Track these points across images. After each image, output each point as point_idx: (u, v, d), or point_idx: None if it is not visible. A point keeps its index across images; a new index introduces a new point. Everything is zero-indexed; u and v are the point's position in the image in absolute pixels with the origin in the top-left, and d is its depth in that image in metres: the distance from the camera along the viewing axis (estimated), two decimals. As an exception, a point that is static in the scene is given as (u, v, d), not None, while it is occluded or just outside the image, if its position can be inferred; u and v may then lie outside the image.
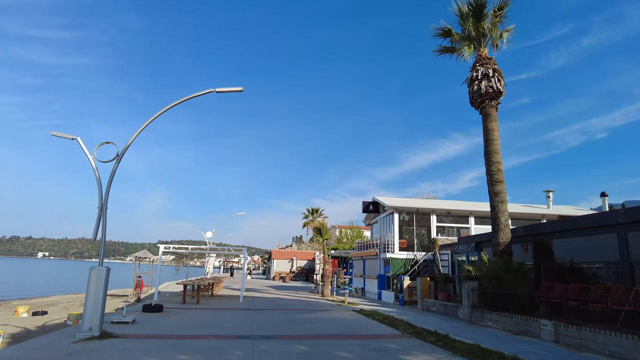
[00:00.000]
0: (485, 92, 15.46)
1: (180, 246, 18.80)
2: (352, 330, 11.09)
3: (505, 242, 14.22)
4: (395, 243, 21.78)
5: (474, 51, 16.78)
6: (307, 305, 17.93)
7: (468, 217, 22.77)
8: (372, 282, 23.85)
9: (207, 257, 31.48)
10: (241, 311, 14.61)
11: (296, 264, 50.57)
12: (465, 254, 18.56)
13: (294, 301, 19.74)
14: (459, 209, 22.64)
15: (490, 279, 13.61)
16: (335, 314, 14.66)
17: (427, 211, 22.60)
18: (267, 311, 14.93)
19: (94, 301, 8.61)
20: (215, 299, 18.94)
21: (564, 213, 23.78)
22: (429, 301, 16.69)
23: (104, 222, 9.19)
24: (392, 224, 22.49)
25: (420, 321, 13.15)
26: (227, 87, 10.51)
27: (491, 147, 15.33)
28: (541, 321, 9.83)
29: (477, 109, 16.28)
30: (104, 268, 8.87)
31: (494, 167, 15.12)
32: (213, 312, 14.15)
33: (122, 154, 9.76)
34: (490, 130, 15.48)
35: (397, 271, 21.32)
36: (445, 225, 22.94)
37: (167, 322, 11.30)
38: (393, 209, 22.36)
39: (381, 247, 22.78)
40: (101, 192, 9.33)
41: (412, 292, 18.83)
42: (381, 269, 22.69)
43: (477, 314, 12.99)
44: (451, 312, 14.81)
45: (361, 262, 26.76)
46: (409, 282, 18.97)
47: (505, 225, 14.49)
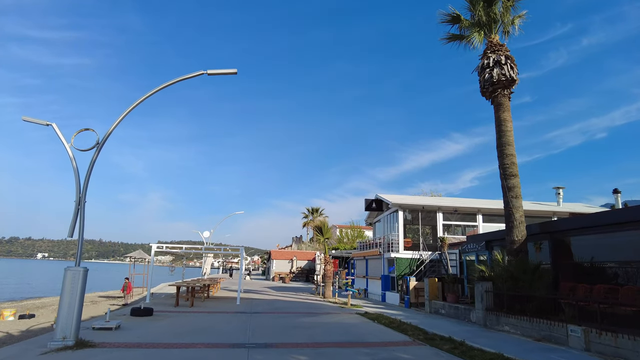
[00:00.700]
0: (497, 80, 14.51)
1: (175, 245, 17.84)
2: (357, 336, 10.13)
3: (521, 240, 13.28)
4: (400, 242, 20.82)
5: (484, 38, 15.84)
6: (307, 307, 16.96)
7: (476, 215, 21.82)
8: (376, 283, 22.88)
9: (205, 257, 30.55)
10: (237, 315, 13.64)
11: (296, 265, 49.59)
12: (474, 253, 17.59)
13: (293, 303, 18.77)
14: (466, 206, 21.68)
15: (504, 280, 12.65)
16: (338, 318, 13.70)
17: (433, 209, 21.63)
18: (265, 315, 13.97)
19: (69, 306, 7.65)
20: (211, 301, 17.98)
21: (576, 210, 22.82)
22: (438, 303, 15.72)
23: (81, 217, 8.22)
24: (397, 222, 21.53)
25: (430, 325, 12.18)
26: (220, 70, 9.54)
27: (504, 138, 14.37)
28: (568, 326, 8.87)
29: (488, 99, 15.33)
30: (80, 269, 7.90)
31: (507, 160, 14.16)
32: (207, 315, 13.18)
33: (103, 142, 8.80)
34: (503, 121, 14.52)
35: (402, 271, 20.36)
36: (452, 223, 21.98)
37: (155, 327, 10.34)
38: (397, 207, 21.39)
39: (385, 246, 21.81)
40: (79, 184, 8.38)
41: (418, 294, 17.86)
42: (385, 269, 21.72)
43: (492, 318, 12.02)
44: (462, 315, 13.85)
45: (363, 262, 25.79)
46: (415, 283, 17.99)
47: (520, 222, 13.54)
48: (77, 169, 8.42)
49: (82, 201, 8.28)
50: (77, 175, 8.40)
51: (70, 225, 8.11)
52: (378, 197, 25.04)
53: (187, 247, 18.34)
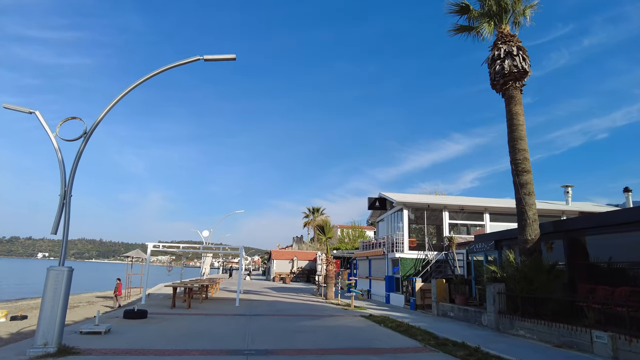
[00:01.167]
0: (509, 72, 13.86)
1: (172, 245, 17.21)
2: (364, 341, 9.48)
3: (534, 239, 12.63)
4: (405, 242, 20.16)
5: (495, 29, 15.20)
6: (310, 309, 16.31)
7: (483, 214, 21.16)
8: (379, 283, 22.22)
9: (204, 257, 29.89)
10: (236, 317, 12.99)
11: (297, 265, 48.94)
12: (482, 253, 16.93)
13: (295, 305, 18.12)
14: (473, 205, 21.02)
15: (517, 281, 12.00)
16: (343, 321, 13.04)
17: (438, 207, 20.97)
18: (265, 317, 13.31)
19: (52, 309, 7.00)
20: (209, 303, 17.33)
21: (585, 209, 22.16)
22: (446, 305, 15.06)
23: (66, 213, 7.58)
24: (401, 221, 20.87)
25: (439, 329, 11.53)
26: (217, 55, 8.89)
27: (516, 133, 13.72)
28: (593, 332, 8.21)
29: (499, 92, 14.68)
30: (64, 268, 7.26)
31: (519, 156, 13.51)
32: (204, 318, 12.53)
33: (91, 131, 8.16)
34: (515, 114, 13.87)
35: (407, 272, 19.70)
36: (458, 222, 21.32)
37: (148, 331, 9.69)
38: (402, 205, 20.74)
39: (389, 246, 21.16)
40: (64, 176, 7.73)
41: (425, 295, 17.19)
42: (389, 269, 21.06)
43: (506, 321, 11.36)
44: (472, 318, 13.19)
45: (366, 262, 25.13)
46: (421, 284, 17.33)
47: (533, 220, 12.89)
48: (62, 160, 7.78)
49: (67, 195, 7.64)
50: (63, 168, 7.76)
51: (54, 221, 7.46)
52: (381, 196, 24.40)
53: (185, 247, 17.71)
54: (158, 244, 16.98)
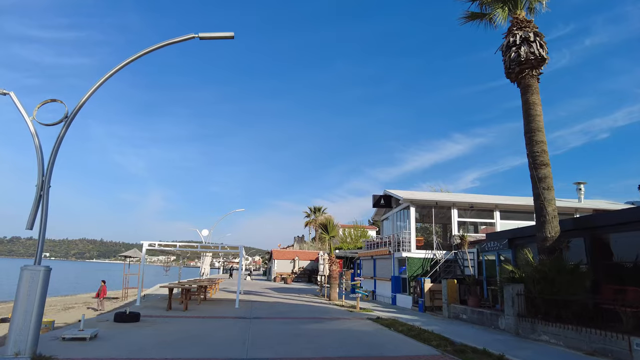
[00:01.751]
0: (525, 59, 13.02)
1: (168, 243, 16.40)
2: (374, 348, 8.65)
3: (554, 237, 11.79)
4: (412, 240, 19.32)
5: (509, 15, 14.39)
6: (313, 311, 15.48)
7: (493, 212, 20.31)
8: (385, 284, 21.38)
9: (203, 257, 29.08)
10: (235, 320, 12.17)
11: (298, 265, 48.09)
12: (495, 252, 16.08)
13: (297, 306, 17.29)
14: (483, 202, 20.17)
15: (537, 282, 11.17)
16: (349, 324, 12.21)
17: (447, 204, 20.13)
18: (266, 320, 12.49)
19: (25, 314, 6.19)
20: (208, 304, 16.51)
21: (599, 207, 21.31)
22: (458, 307, 14.22)
23: (44, 205, 6.77)
24: (408, 219, 20.03)
25: (454, 333, 10.69)
26: (214, 33, 8.09)
27: (533, 124, 12.88)
28: (632, 339, 7.36)
29: (514, 81, 13.85)
30: (41, 268, 6.45)
31: (537, 148, 12.67)
32: (202, 321, 11.71)
33: (73, 115, 7.35)
34: (532, 104, 13.04)
35: (415, 272, 18.86)
36: (467, 220, 20.48)
37: (139, 336, 8.88)
38: (409, 202, 19.90)
39: (395, 245, 20.32)
40: (42, 164, 6.92)
41: (434, 297, 16.35)
42: (395, 269, 20.22)
43: (526, 325, 10.52)
44: (488, 321, 12.34)
45: (371, 262, 24.29)
46: (430, 285, 16.49)
47: (553, 217, 12.06)
48: (39, 146, 6.97)
49: (45, 186, 6.83)
50: (40, 155, 6.95)
51: (30, 215, 6.65)
52: (387, 193, 23.56)
53: (182, 245, 16.90)
54: (154, 243, 16.17)
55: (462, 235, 15.30)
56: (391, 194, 22.69)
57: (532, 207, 20.65)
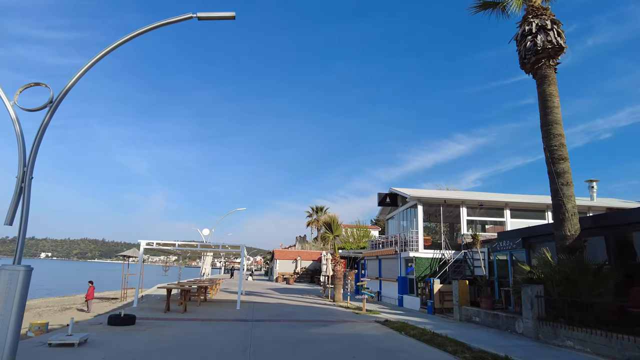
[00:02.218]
0: (542, 48, 12.36)
1: (167, 242, 15.78)
2: (387, 354, 7.98)
3: (574, 235, 11.11)
4: (420, 240, 18.65)
5: (524, 2, 13.72)
6: (318, 314, 14.82)
7: (503, 210, 19.62)
8: (391, 285, 20.71)
9: (204, 257, 28.49)
10: (236, 323, 11.52)
11: (300, 265, 47.41)
12: (507, 252, 15.39)
13: (301, 308, 16.63)
14: (493, 200, 19.48)
15: (556, 283, 10.50)
16: (357, 328, 11.54)
17: (455, 202, 19.44)
18: (269, 323, 11.83)
19: (2, 318, 5.56)
20: (208, 306, 15.87)
21: (613, 205, 20.59)
22: (470, 310, 13.53)
23: (25, 198, 6.13)
24: (415, 218, 19.36)
25: (469, 337, 10.02)
26: (213, 13, 7.44)
27: (550, 116, 12.21)
28: (674, 347, 6.68)
29: (529, 72, 13.19)
30: (20, 268, 5.81)
31: (555, 142, 12.00)
32: (201, 324, 11.07)
33: (59, 100, 6.72)
34: (549, 95, 12.36)
35: (422, 273, 18.18)
36: (477, 219, 19.79)
37: (132, 342, 8.23)
38: (416, 200, 19.23)
39: (402, 244, 19.65)
40: (23, 154, 6.29)
41: (444, 298, 15.67)
42: (402, 270, 19.55)
43: (547, 329, 9.83)
44: (504, 325, 11.66)
45: (376, 262, 23.62)
46: (439, 286, 15.81)
47: (572, 214, 11.37)
48: (21, 134, 6.34)
49: (26, 177, 6.20)
50: (22, 143, 6.32)
51: (10, 209, 6.02)
52: (393, 191, 22.88)
53: (181, 244, 16.26)
54: (152, 242, 15.54)
55: (474, 234, 14.60)
56: (397, 192, 22.02)
57: (544, 205, 20.04)
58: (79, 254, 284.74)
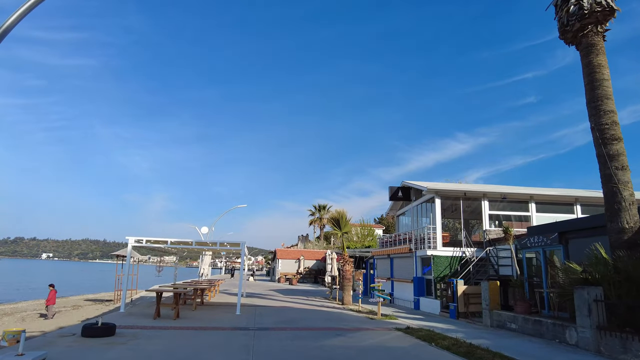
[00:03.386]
0: (589, 12, 10.66)
1: (158, 240, 14.15)
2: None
3: (634, 228, 9.44)
4: (438, 237, 16.95)
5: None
6: (328, 319, 13.14)
7: (527, 203, 17.90)
8: (405, 286, 19.02)
9: (202, 256, 26.91)
10: (235, 333, 9.85)
11: (304, 265, 45.72)
12: (539, 248, 13.66)
13: (308, 312, 14.95)
14: (516, 193, 17.75)
15: (615, 285, 8.85)
16: (378, 338, 9.86)
17: (476, 196, 17.73)
18: (274, 332, 10.16)
19: None
20: (205, 310, 14.22)
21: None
22: (503, 315, 11.83)
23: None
24: (433, 213, 17.66)
25: (514, 350, 8.33)
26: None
27: (599, 90, 10.52)
28: None
29: (571, 42, 11.51)
30: None
31: (605, 119, 10.31)
32: (193, 335, 9.41)
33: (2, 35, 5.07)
34: (597, 67, 10.67)
35: (441, 273, 16.49)
36: (500, 213, 18.07)
37: (104, 360, 6.57)
38: (434, 193, 17.52)
39: (418, 242, 17.96)
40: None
41: (468, 301, 13.99)
42: (418, 270, 17.85)
43: (614, 342, 8.12)
44: (549, 334, 9.95)
45: (387, 261, 21.93)
46: (464, 288, 14.11)
47: (630, 203, 9.71)
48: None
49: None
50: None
51: None
52: (405, 185, 21.18)
53: (174, 242, 14.60)
54: (141, 239, 13.90)
55: (505, 228, 12.89)
56: (411, 185, 20.33)
57: (572, 198, 18.28)
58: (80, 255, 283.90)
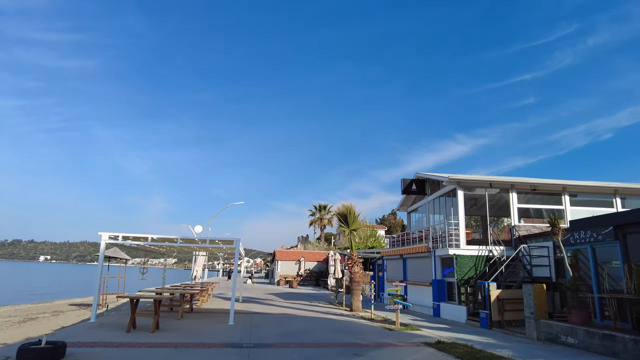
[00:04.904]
0: None
1: (136, 236, 11.94)
2: None
3: None
4: (461, 233, 14.84)
5: None
6: (339, 331, 10.98)
7: (560, 196, 15.82)
8: (422, 290, 16.88)
9: (195, 257, 24.76)
10: (224, 352, 7.70)
11: (304, 266, 43.55)
12: (586, 245, 11.56)
13: (314, 321, 12.80)
14: (548, 184, 15.65)
15: None
16: (404, 356, 7.73)
17: (504, 186, 15.63)
18: (275, 351, 8.01)
19: None
20: (192, 319, 12.05)
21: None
22: (556, 326, 9.70)
23: None
24: (455, 206, 15.56)
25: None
26: None
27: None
28: None
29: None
30: None
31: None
32: (168, 354, 7.26)
33: None
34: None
35: (465, 275, 14.38)
36: (530, 207, 15.99)
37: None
38: (455, 184, 15.42)
39: (437, 240, 15.85)
40: None
41: (503, 308, 11.87)
42: (437, 271, 15.73)
43: None
44: (626, 352, 7.82)
45: (399, 262, 19.78)
46: (498, 292, 11.99)
47: None
48: None
49: None
50: None
51: None
52: (420, 177, 19.07)
53: (158, 239, 12.43)
54: (117, 235, 11.74)
55: (553, 219, 10.70)
56: (427, 177, 18.23)
57: (611, 189, 16.13)
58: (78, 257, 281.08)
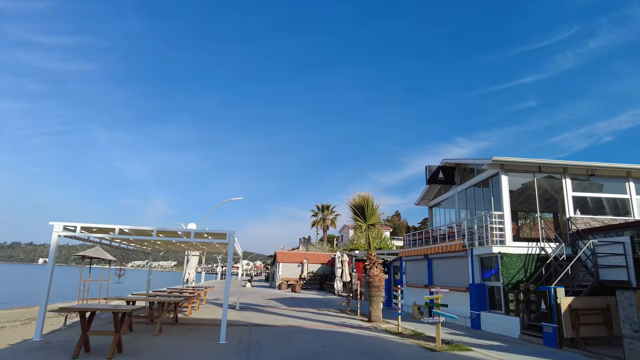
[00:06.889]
0: None
1: (100, 227, 9.16)
2: None
3: None
4: (507, 227, 12.12)
5: None
6: (365, 352, 8.23)
7: (624, 182, 13.12)
8: (454, 297, 14.06)
9: (188, 258, 22.05)
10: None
11: (307, 269, 40.74)
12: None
13: (331, 337, 10.04)
14: (608, 167, 12.90)
15: None
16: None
17: (556, 170, 12.91)
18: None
19: None
20: (174, 333, 9.32)
21: None
22: (674, 350, 6.96)
23: None
24: (498, 195, 12.84)
25: None
26: None
27: None
28: None
29: None
30: None
31: None
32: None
33: None
34: None
35: (513, 277, 11.65)
36: (588, 195, 13.27)
37: None
38: (498, 168, 12.71)
39: (474, 236, 13.12)
40: None
41: (578, 321, 9.12)
42: (475, 274, 12.97)
43: None
44: None
45: (423, 264, 16.99)
46: (570, 300, 9.25)
47: None
48: None
49: None
50: None
51: None
52: (448, 164, 16.32)
53: (131, 231, 9.71)
54: (73, 226, 9.05)
55: None
56: (459, 162, 15.50)
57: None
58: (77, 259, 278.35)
